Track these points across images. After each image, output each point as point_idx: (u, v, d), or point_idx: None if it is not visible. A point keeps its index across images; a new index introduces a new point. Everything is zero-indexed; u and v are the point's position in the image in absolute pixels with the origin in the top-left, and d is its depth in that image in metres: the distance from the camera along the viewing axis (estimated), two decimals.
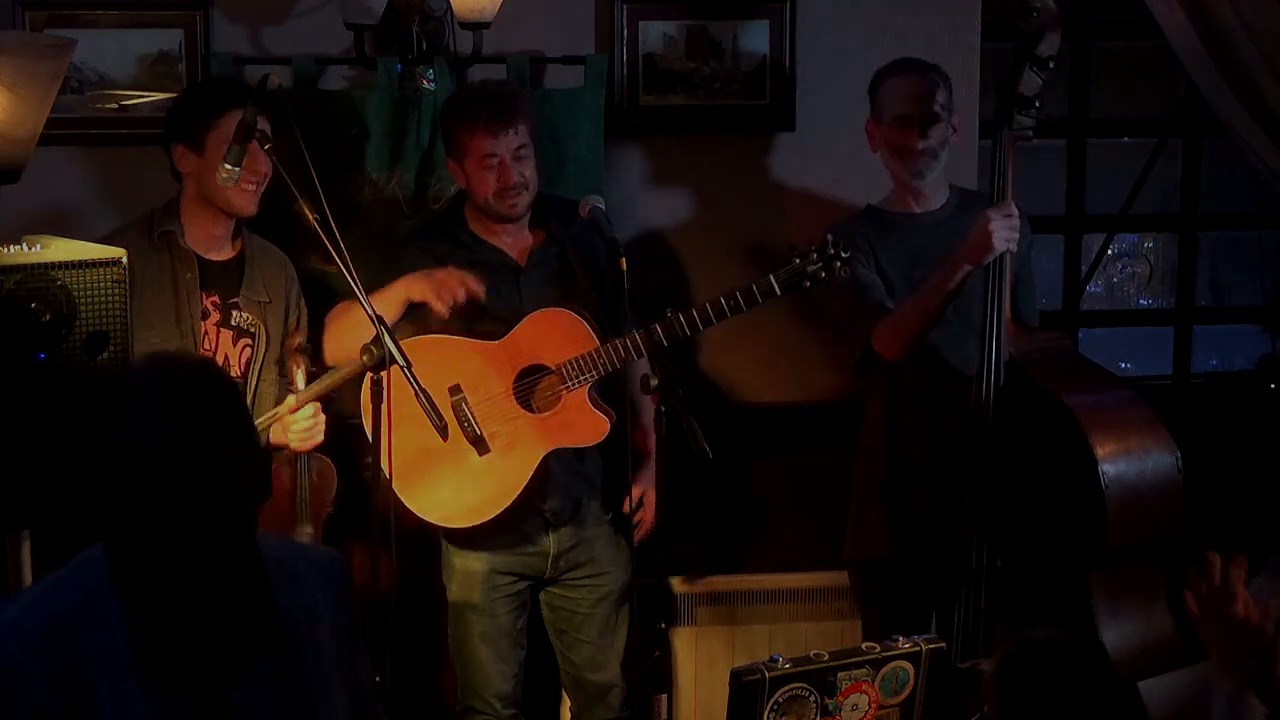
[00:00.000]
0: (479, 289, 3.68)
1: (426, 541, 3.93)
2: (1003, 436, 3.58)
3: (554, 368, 3.68)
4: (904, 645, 2.96)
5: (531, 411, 3.71)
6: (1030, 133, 3.63)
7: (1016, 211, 3.59)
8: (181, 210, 3.64)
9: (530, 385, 3.71)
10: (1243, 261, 5.16)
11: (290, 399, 3.59)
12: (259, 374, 3.71)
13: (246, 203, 3.62)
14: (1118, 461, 3.50)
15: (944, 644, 3.00)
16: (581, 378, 3.65)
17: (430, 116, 4.12)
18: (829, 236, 3.59)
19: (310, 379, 3.62)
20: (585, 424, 3.69)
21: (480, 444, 3.64)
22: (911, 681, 2.96)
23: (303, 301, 3.85)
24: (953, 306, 3.65)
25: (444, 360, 3.67)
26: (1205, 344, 5.14)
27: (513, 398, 3.71)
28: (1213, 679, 2.53)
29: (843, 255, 3.56)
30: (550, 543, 3.85)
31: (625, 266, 3.50)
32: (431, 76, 4.10)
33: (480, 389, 3.70)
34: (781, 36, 4.34)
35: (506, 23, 4.06)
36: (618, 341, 3.62)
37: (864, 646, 2.96)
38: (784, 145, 4.40)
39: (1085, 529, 3.50)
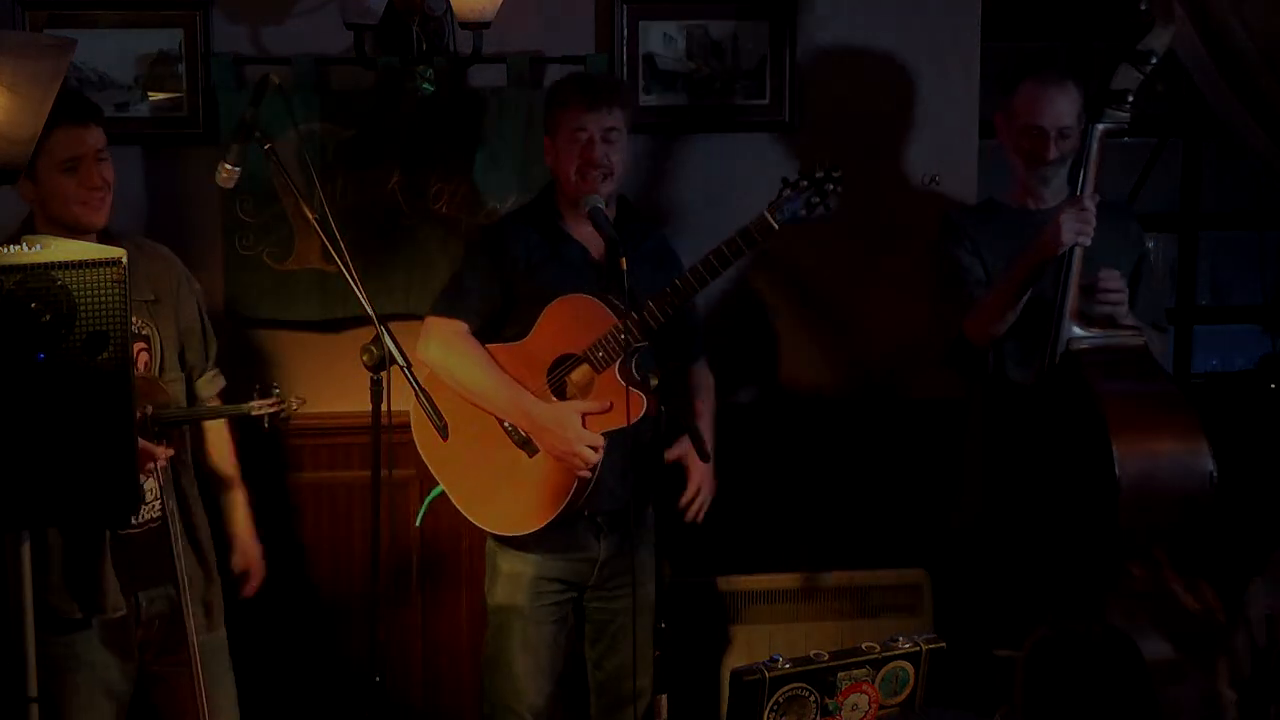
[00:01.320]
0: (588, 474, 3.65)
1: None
2: (1049, 427, 3.61)
3: (581, 353, 3.66)
4: (904, 645, 2.96)
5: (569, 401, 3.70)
6: (1126, 126, 3.65)
7: (1091, 207, 3.63)
8: (36, 227, 3.44)
9: (563, 376, 3.70)
10: (1243, 261, 5.16)
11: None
12: (160, 375, 3.58)
13: (94, 216, 3.44)
14: (1137, 460, 3.51)
15: (944, 644, 3.00)
16: (609, 358, 3.63)
17: (429, 116, 4.12)
18: (814, 160, 3.59)
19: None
20: (623, 403, 3.62)
21: (528, 445, 3.66)
22: (911, 681, 2.97)
23: (200, 299, 3.70)
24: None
25: None
26: (1205, 344, 5.14)
27: (549, 392, 3.69)
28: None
29: (834, 176, 3.56)
30: (600, 549, 3.81)
31: (625, 266, 3.49)
32: (431, 77, 4.11)
33: None
34: (781, 36, 4.34)
35: (506, 23, 4.06)
36: (637, 314, 3.58)
37: (864, 646, 2.96)
38: (784, 145, 4.40)
39: (1101, 527, 3.52)
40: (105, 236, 3.52)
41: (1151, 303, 3.96)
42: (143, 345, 3.54)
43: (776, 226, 3.56)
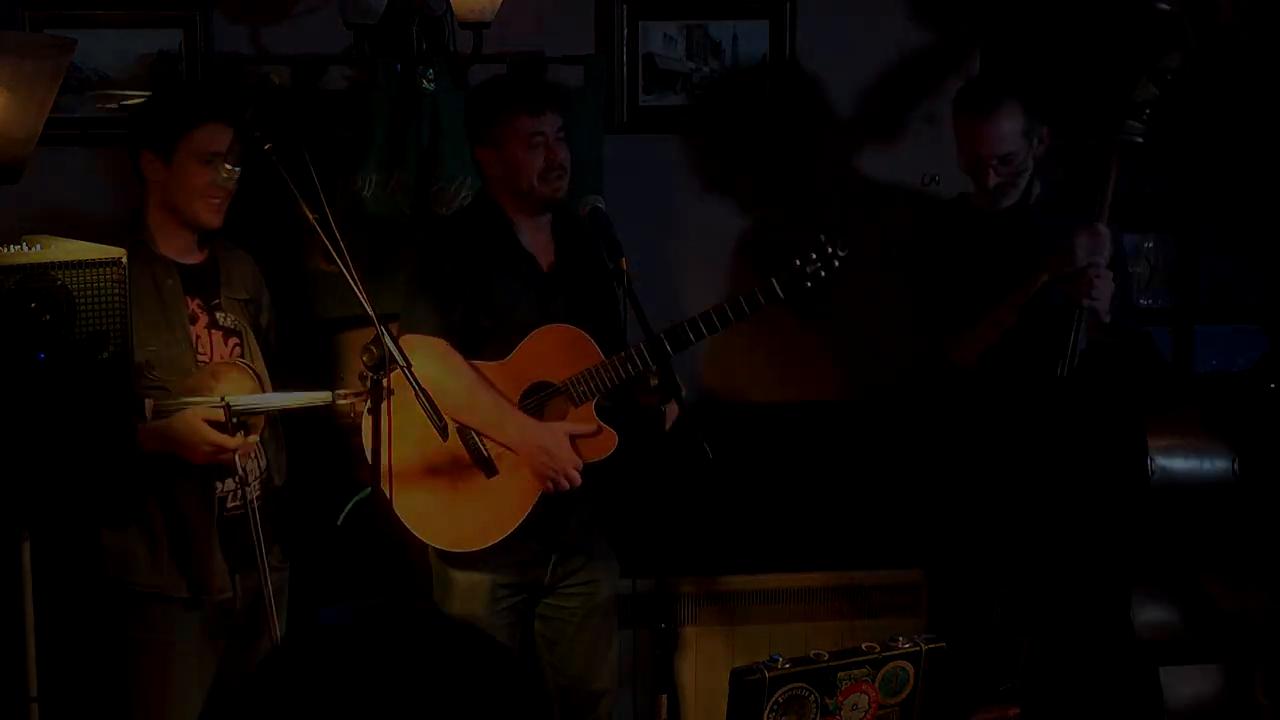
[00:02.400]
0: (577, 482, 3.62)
1: None
2: (1062, 432, 3.65)
3: (560, 384, 3.64)
4: (904, 645, 2.96)
5: None
6: (1139, 140, 3.68)
7: (1106, 232, 3.67)
8: (149, 218, 3.55)
9: (537, 404, 3.67)
10: (1243, 261, 5.16)
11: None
12: None
13: (213, 217, 3.53)
14: (1167, 457, 3.54)
15: (944, 644, 3.00)
16: (588, 393, 3.61)
17: (430, 116, 4.12)
18: (822, 236, 3.63)
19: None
20: (594, 439, 3.63)
21: (488, 466, 3.62)
22: (911, 681, 2.97)
23: (269, 301, 3.79)
24: None
25: None
26: (1205, 344, 5.13)
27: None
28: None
29: (840, 254, 3.60)
30: (552, 553, 3.78)
31: (626, 266, 3.49)
32: (431, 76, 4.10)
33: None
34: (781, 36, 4.34)
35: (506, 23, 4.06)
36: (623, 354, 3.58)
37: (864, 646, 2.96)
38: (784, 145, 4.40)
39: (1129, 519, 3.55)
40: (204, 237, 3.59)
41: (1122, 303, 3.98)
42: (236, 340, 3.60)
43: (783, 296, 3.61)
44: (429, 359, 3.51)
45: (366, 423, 3.49)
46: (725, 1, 4.34)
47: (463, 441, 3.62)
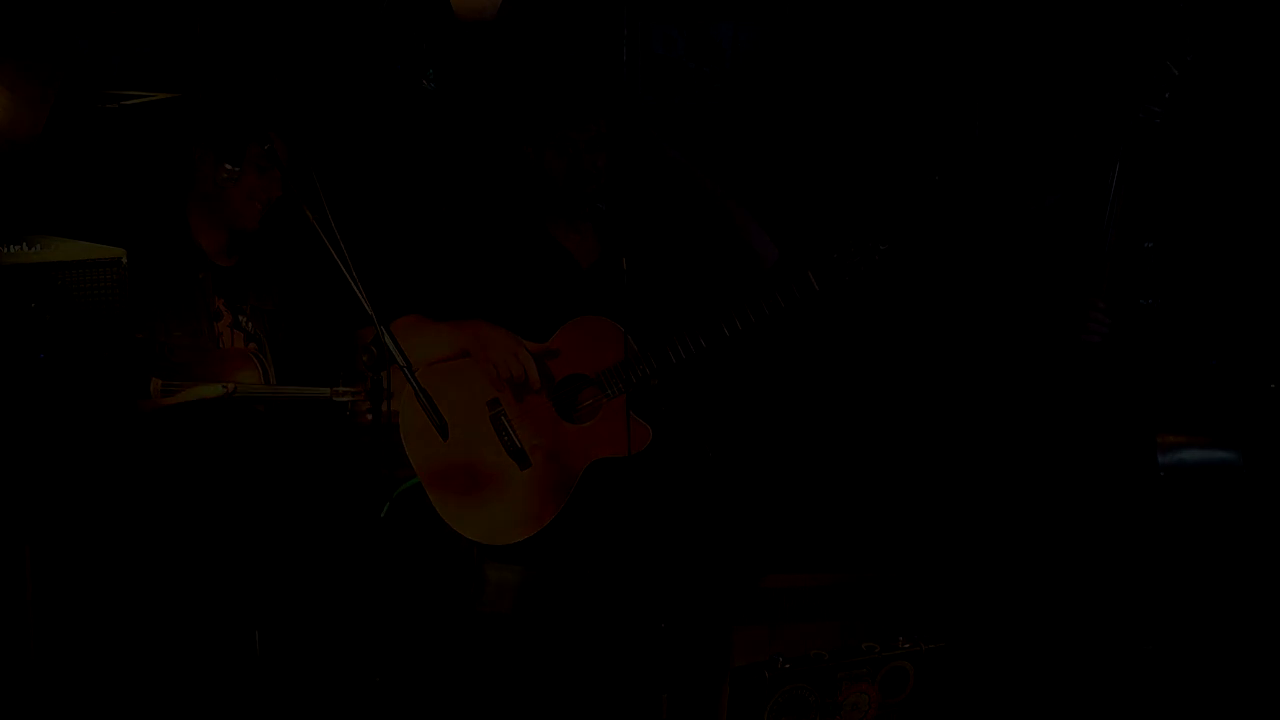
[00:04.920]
0: (537, 380, 3.59)
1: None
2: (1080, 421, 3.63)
3: (593, 376, 3.63)
4: (904, 645, 2.97)
5: (572, 422, 3.65)
6: (1157, 122, 3.48)
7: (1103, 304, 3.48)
8: (190, 214, 3.63)
9: (570, 395, 3.66)
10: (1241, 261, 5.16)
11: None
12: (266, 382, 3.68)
13: (253, 219, 3.62)
14: (1177, 454, 3.55)
15: (944, 643, 3.01)
16: (622, 386, 3.60)
17: (430, 115, 4.13)
18: (865, 228, 3.55)
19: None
20: (621, 433, 3.59)
21: (522, 458, 3.61)
22: (911, 681, 2.97)
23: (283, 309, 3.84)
24: None
25: (483, 373, 3.63)
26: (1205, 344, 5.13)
27: (552, 409, 3.65)
28: None
29: (881, 247, 3.51)
30: (589, 557, 3.75)
31: (626, 266, 3.48)
32: (432, 76, 4.11)
33: (520, 401, 3.66)
34: (781, 36, 4.35)
35: (506, 23, 4.07)
36: (659, 348, 3.57)
37: (864, 646, 2.96)
38: (784, 145, 4.41)
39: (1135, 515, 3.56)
40: (235, 242, 3.66)
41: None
42: (254, 346, 3.66)
43: (819, 289, 3.52)
44: (405, 335, 3.55)
45: (405, 418, 3.54)
46: (725, 1, 4.34)
47: (496, 435, 3.62)
